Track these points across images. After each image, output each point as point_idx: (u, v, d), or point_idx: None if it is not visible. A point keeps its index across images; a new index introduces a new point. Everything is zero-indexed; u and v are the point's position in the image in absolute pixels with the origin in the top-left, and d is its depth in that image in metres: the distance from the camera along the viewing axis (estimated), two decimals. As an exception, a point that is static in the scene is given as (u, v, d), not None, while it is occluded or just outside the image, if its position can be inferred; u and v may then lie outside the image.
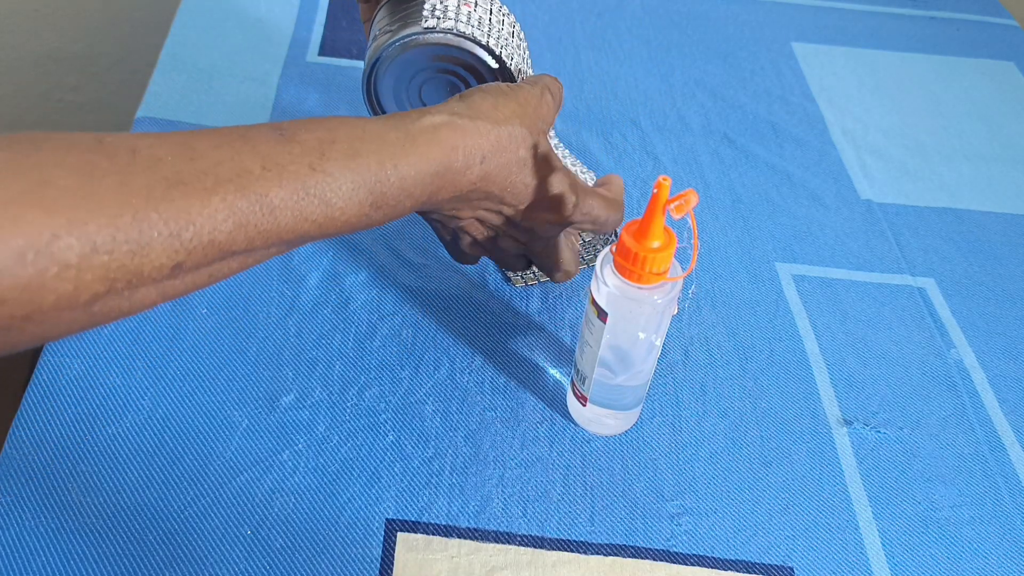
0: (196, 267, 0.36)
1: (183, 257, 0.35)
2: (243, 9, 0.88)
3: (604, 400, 0.54)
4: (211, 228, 0.36)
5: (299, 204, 0.39)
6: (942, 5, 1.04)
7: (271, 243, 0.39)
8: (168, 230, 0.34)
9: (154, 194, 0.34)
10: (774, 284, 0.68)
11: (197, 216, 0.35)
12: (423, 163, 0.44)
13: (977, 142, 0.84)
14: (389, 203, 0.43)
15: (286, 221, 0.39)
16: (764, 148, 0.80)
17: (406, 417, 0.56)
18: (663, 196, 0.44)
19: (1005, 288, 0.70)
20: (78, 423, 0.53)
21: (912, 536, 0.53)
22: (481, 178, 0.48)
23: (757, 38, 0.95)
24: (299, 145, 0.40)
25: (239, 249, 0.37)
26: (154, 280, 0.35)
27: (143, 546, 0.48)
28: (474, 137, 0.46)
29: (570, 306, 0.64)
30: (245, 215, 0.37)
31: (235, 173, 0.37)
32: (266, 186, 0.38)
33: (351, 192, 0.41)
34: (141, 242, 0.34)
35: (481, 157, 0.47)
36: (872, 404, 0.60)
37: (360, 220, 0.42)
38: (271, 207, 0.38)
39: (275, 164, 0.38)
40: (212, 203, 0.36)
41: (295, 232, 0.39)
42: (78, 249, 0.32)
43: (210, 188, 0.36)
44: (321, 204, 0.40)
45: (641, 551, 0.51)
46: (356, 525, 0.50)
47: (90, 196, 0.33)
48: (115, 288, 0.34)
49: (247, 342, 0.59)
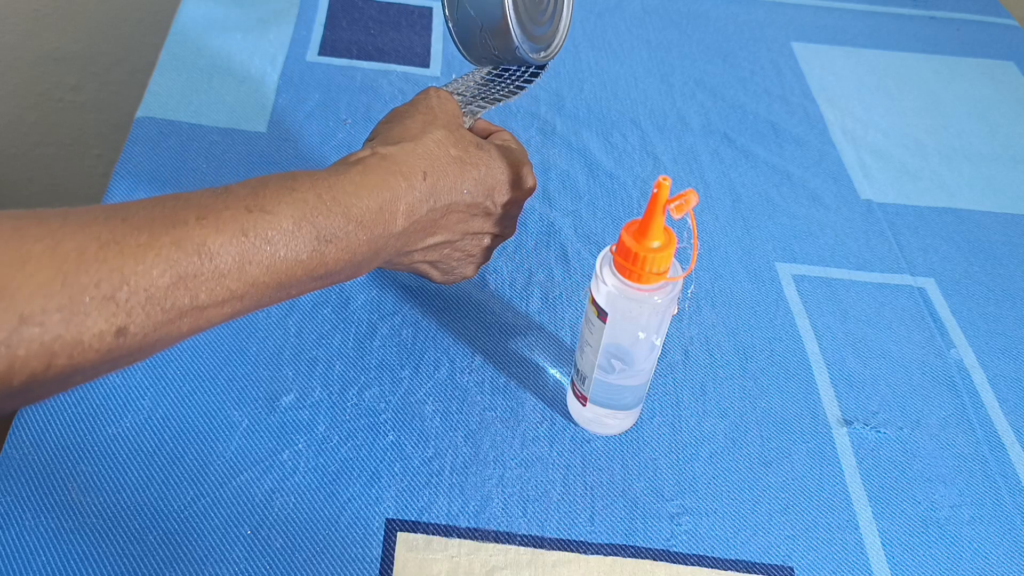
0: (142, 330, 0.35)
1: (124, 320, 0.34)
2: (243, 9, 0.88)
3: (604, 400, 0.54)
4: (147, 284, 0.34)
5: (240, 248, 0.38)
6: (942, 5, 1.04)
7: (220, 296, 0.37)
8: (101, 292, 0.33)
9: (86, 255, 0.33)
10: (774, 284, 0.68)
11: (131, 274, 0.34)
12: (362, 191, 0.44)
13: (977, 142, 0.84)
14: (338, 235, 0.42)
15: (228, 267, 0.37)
16: (764, 148, 0.80)
17: (406, 417, 0.56)
18: (663, 196, 0.44)
19: (1005, 288, 0.70)
20: (78, 423, 0.53)
21: (912, 536, 0.53)
22: (432, 194, 0.47)
23: (757, 38, 0.95)
24: (232, 193, 0.39)
25: (183, 305, 0.36)
26: (97, 350, 0.33)
27: (143, 546, 0.48)
28: (403, 158, 0.47)
29: (570, 306, 0.64)
30: (183, 267, 0.36)
31: (170, 225, 0.36)
32: (203, 234, 0.36)
33: (293, 227, 0.40)
34: (74, 308, 0.32)
35: (422, 173, 0.47)
36: (872, 404, 0.60)
37: (313, 258, 0.41)
38: (210, 254, 0.37)
39: (210, 212, 0.37)
40: (147, 258, 0.34)
41: (242, 280, 0.38)
42: (4, 323, 0.30)
43: (144, 243, 0.35)
44: (264, 243, 0.39)
45: (641, 551, 0.51)
46: (356, 525, 0.50)
47: (17, 262, 0.31)
48: (55, 364, 0.32)
49: (247, 342, 0.59)
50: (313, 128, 0.76)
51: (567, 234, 0.69)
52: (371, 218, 0.44)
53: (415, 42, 0.87)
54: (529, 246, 0.68)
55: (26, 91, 1.38)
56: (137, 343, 0.35)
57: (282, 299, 0.42)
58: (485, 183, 0.51)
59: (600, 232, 0.70)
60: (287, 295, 0.42)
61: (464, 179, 0.50)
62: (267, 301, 0.41)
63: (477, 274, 0.59)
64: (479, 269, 0.58)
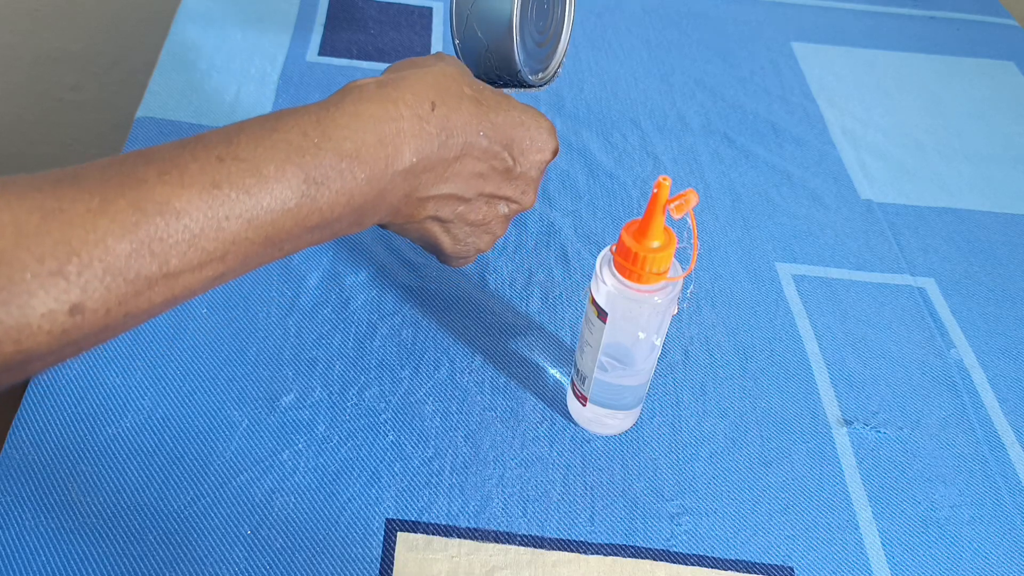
0: (103, 305, 0.31)
1: (78, 296, 0.30)
2: (243, 9, 0.88)
3: (604, 400, 0.54)
4: (102, 254, 0.30)
5: (212, 203, 0.33)
6: (942, 5, 1.04)
7: (195, 259, 0.33)
8: (46, 268, 0.29)
9: (24, 229, 0.29)
10: (774, 284, 0.68)
11: (81, 245, 0.30)
12: (358, 122, 0.38)
13: (977, 142, 0.84)
14: (331, 176, 0.37)
15: (200, 226, 0.33)
16: (764, 148, 0.80)
17: (406, 417, 0.56)
18: (663, 196, 0.44)
19: (1005, 288, 0.70)
20: (78, 423, 0.53)
21: (912, 536, 0.53)
22: (444, 128, 0.42)
23: (757, 38, 0.95)
24: (202, 143, 0.35)
25: (151, 273, 0.32)
26: (49, 332, 0.30)
27: (143, 546, 0.48)
28: (408, 85, 0.41)
29: (570, 306, 0.64)
30: (145, 231, 0.31)
31: (127, 186, 0.32)
32: (166, 192, 0.32)
33: (276, 173, 0.35)
34: (13, 289, 0.29)
35: (430, 103, 0.41)
36: (872, 404, 0.60)
37: (303, 205, 0.36)
38: (176, 213, 0.32)
39: (174, 166, 0.33)
40: (99, 226, 0.30)
41: (219, 238, 0.34)
42: None
43: (96, 209, 0.31)
44: (241, 195, 0.34)
45: (641, 551, 0.51)
46: (356, 525, 0.50)
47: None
48: (1, 352, 0.29)
49: (247, 342, 0.59)
50: (313, 128, 0.75)
51: (567, 234, 0.69)
52: (370, 153, 0.39)
53: (415, 42, 0.87)
54: (529, 246, 0.68)
55: (26, 91, 1.38)
56: (100, 320, 0.31)
57: (276, 256, 0.37)
58: (503, 131, 0.46)
59: (600, 232, 0.70)
60: (281, 251, 0.37)
61: (480, 120, 0.44)
62: (258, 260, 0.36)
63: (491, 249, 0.54)
64: (494, 244, 0.52)
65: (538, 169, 0.50)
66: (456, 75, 0.45)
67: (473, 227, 0.50)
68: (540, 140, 0.48)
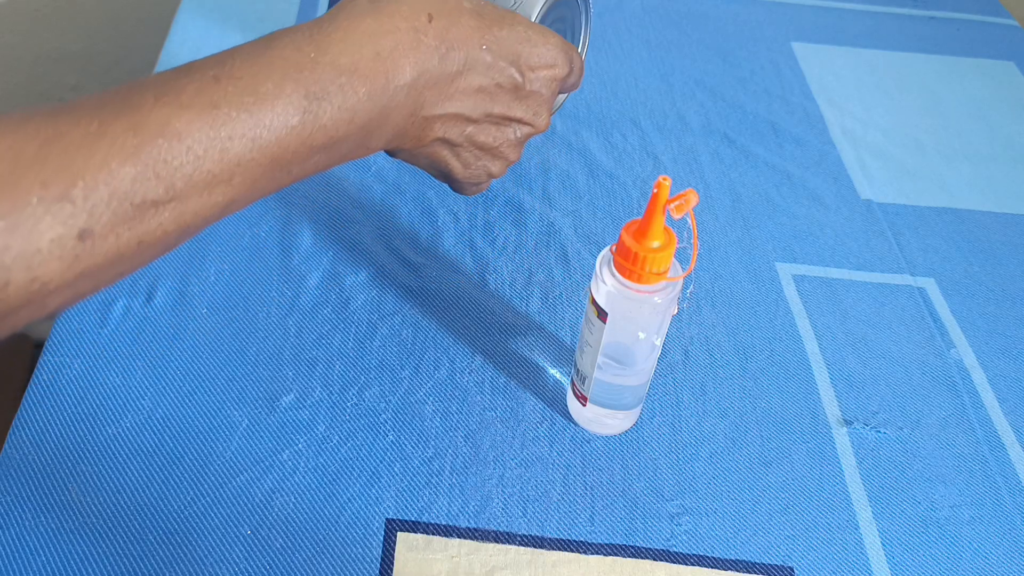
0: (112, 230, 0.31)
1: (85, 221, 0.30)
2: (243, 9, 0.88)
3: (604, 400, 0.54)
4: (106, 178, 0.30)
5: (213, 122, 0.33)
6: (942, 5, 1.04)
7: (201, 181, 0.33)
8: (51, 193, 0.29)
9: (23, 154, 0.29)
10: (774, 284, 0.68)
11: (83, 169, 0.30)
12: (353, 36, 0.38)
13: (977, 142, 0.84)
14: (331, 91, 0.36)
15: (203, 147, 0.33)
16: (764, 148, 0.80)
17: (406, 417, 0.56)
18: (663, 196, 0.44)
19: (1005, 288, 0.70)
20: (78, 423, 0.53)
21: (912, 536, 0.53)
22: (443, 41, 0.41)
23: (757, 38, 0.95)
24: (196, 68, 0.34)
25: (157, 196, 0.32)
26: (60, 258, 0.30)
27: (143, 546, 0.48)
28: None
29: (570, 306, 0.64)
30: (147, 153, 0.31)
31: (124, 110, 0.31)
32: (165, 113, 0.32)
33: (274, 89, 0.34)
34: (19, 215, 0.28)
35: (427, 15, 0.40)
36: (872, 404, 0.60)
37: (307, 122, 0.36)
38: (177, 134, 0.32)
39: (171, 90, 0.33)
40: (100, 149, 0.30)
41: (224, 160, 0.33)
42: None
43: (95, 132, 0.30)
44: (241, 113, 0.33)
45: (641, 551, 0.51)
46: (356, 525, 0.50)
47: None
48: (15, 280, 0.29)
49: (247, 342, 0.59)
50: (313, 128, 0.75)
51: (567, 234, 0.69)
52: (368, 67, 0.38)
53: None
54: (529, 246, 0.68)
55: (26, 91, 1.38)
56: (111, 247, 0.31)
57: (285, 181, 0.37)
58: (508, 46, 0.44)
59: (600, 232, 0.70)
60: (289, 175, 0.37)
61: (483, 34, 0.42)
62: (266, 183, 0.36)
63: (505, 173, 0.52)
64: (507, 170, 0.50)
65: (549, 87, 0.47)
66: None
67: (483, 151, 0.48)
68: (549, 55, 0.46)
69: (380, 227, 0.68)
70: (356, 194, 0.70)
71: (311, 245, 0.65)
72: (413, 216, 0.69)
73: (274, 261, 0.64)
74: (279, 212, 0.68)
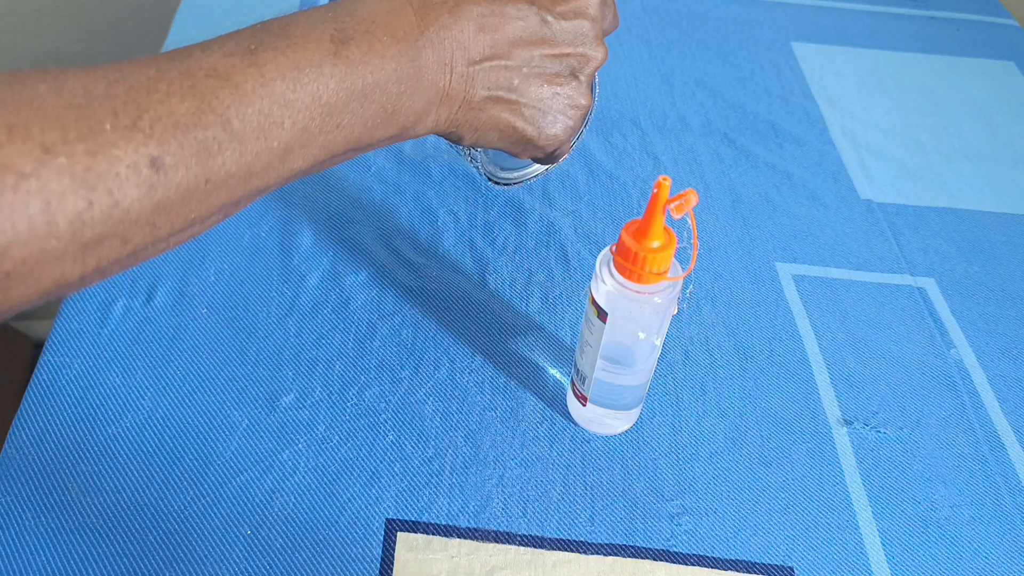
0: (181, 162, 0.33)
1: (156, 149, 0.32)
2: (243, 9, 0.88)
3: (604, 400, 0.54)
4: (169, 111, 0.32)
5: (254, 62, 0.35)
6: (942, 5, 1.04)
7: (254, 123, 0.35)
8: (121, 121, 0.31)
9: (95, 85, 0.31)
10: (774, 284, 0.68)
11: (148, 103, 0.32)
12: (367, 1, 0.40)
13: (977, 142, 0.84)
14: (354, 35, 0.38)
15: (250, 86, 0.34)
16: (764, 148, 0.80)
17: (406, 417, 0.56)
18: (663, 196, 0.44)
19: (1005, 288, 0.70)
20: (78, 423, 0.53)
21: (912, 536, 0.53)
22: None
23: (757, 38, 0.95)
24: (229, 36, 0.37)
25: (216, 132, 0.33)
26: (136, 185, 0.31)
27: (143, 546, 0.48)
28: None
29: (570, 306, 0.64)
30: (201, 90, 0.33)
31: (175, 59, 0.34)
32: (211, 60, 0.34)
33: (302, 33, 0.37)
34: (96, 138, 0.30)
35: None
36: (872, 404, 0.60)
37: (339, 63, 0.37)
38: (224, 75, 0.34)
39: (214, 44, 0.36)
40: (160, 88, 0.33)
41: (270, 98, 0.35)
42: (27, 153, 0.29)
43: (154, 76, 0.33)
44: (276, 55, 0.36)
45: (641, 551, 0.51)
46: (356, 525, 0.50)
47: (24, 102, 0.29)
48: (97, 202, 0.30)
49: (247, 342, 0.59)
50: (313, 128, 0.75)
51: (567, 234, 0.69)
52: (384, 19, 0.40)
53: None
54: (529, 246, 0.68)
55: (26, 91, 1.38)
56: (181, 181, 0.33)
57: (336, 140, 0.38)
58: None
59: (600, 232, 0.70)
60: (338, 127, 0.38)
61: None
62: (317, 136, 0.37)
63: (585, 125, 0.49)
64: (583, 118, 0.48)
65: (587, 13, 0.45)
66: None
67: (543, 99, 0.45)
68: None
69: (380, 227, 0.68)
70: (356, 194, 0.70)
71: (311, 245, 0.65)
72: (413, 216, 0.69)
73: (274, 261, 0.64)
74: (279, 212, 0.68)
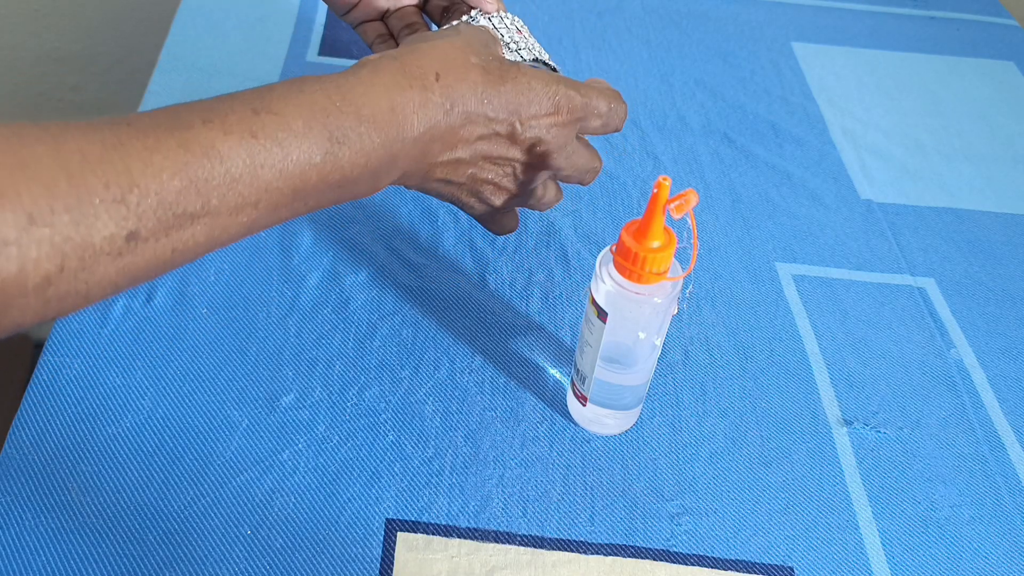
0: (154, 235, 0.34)
1: (135, 224, 0.33)
2: (243, 9, 0.88)
3: (604, 400, 0.54)
4: (158, 187, 0.34)
5: (250, 150, 0.37)
6: (942, 5, 1.04)
7: (232, 202, 0.37)
8: (111, 194, 0.32)
9: (90, 157, 0.32)
10: (774, 284, 0.68)
11: (140, 176, 0.33)
12: (373, 91, 0.42)
13: (977, 142, 0.84)
14: (351, 137, 0.41)
15: (239, 171, 0.36)
16: (764, 148, 0.80)
17: (406, 417, 0.56)
18: (663, 196, 0.44)
19: (1005, 288, 0.70)
20: (78, 423, 0.53)
21: (912, 536, 0.53)
22: (448, 98, 0.45)
23: (757, 38, 0.95)
24: (236, 98, 0.38)
25: (195, 210, 0.35)
26: (108, 254, 0.33)
27: (143, 546, 0.48)
28: (415, 59, 0.44)
29: (570, 306, 0.64)
30: (193, 169, 0.35)
31: (175, 128, 0.35)
32: (210, 136, 0.36)
33: (304, 128, 0.39)
34: (83, 210, 0.31)
35: (435, 74, 0.45)
36: (872, 404, 0.60)
37: (327, 161, 0.40)
38: (220, 157, 0.36)
39: (216, 115, 0.37)
40: (155, 161, 0.34)
41: (254, 185, 0.37)
42: (13, 222, 0.30)
43: (151, 146, 0.34)
44: (274, 145, 0.38)
45: (641, 551, 0.51)
46: (356, 525, 0.50)
47: (19, 165, 0.31)
48: (68, 267, 0.32)
49: (247, 342, 0.59)
50: (313, 128, 0.75)
51: (567, 234, 0.69)
52: (384, 119, 0.42)
53: (415, 42, 0.87)
54: (529, 246, 0.68)
55: (26, 91, 1.38)
56: (151, 252, 0.34)
57: (300, 211, 0.40)
58: (510, 98, 0.47)
59: (600, 232, 0.70)
60: (304, 205, 0.41)
61: (486, 88, 0.46)
62: (283, 211, 0.40)
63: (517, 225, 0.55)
64: (510, 201, 0.53)
65: (552, 132, 0.50)
66: (463, 46, 0.47)
67: (487, 189, 0.51)
68: (548, 104, 0.49)
69: (380, 227, 0.68)
70: (356, 194, 0.70)
71: (311, 245, 0.65)
72: (413, 216, 0.69)
73: (274, 261, 0.64)
74: (279, 212, 0.68)
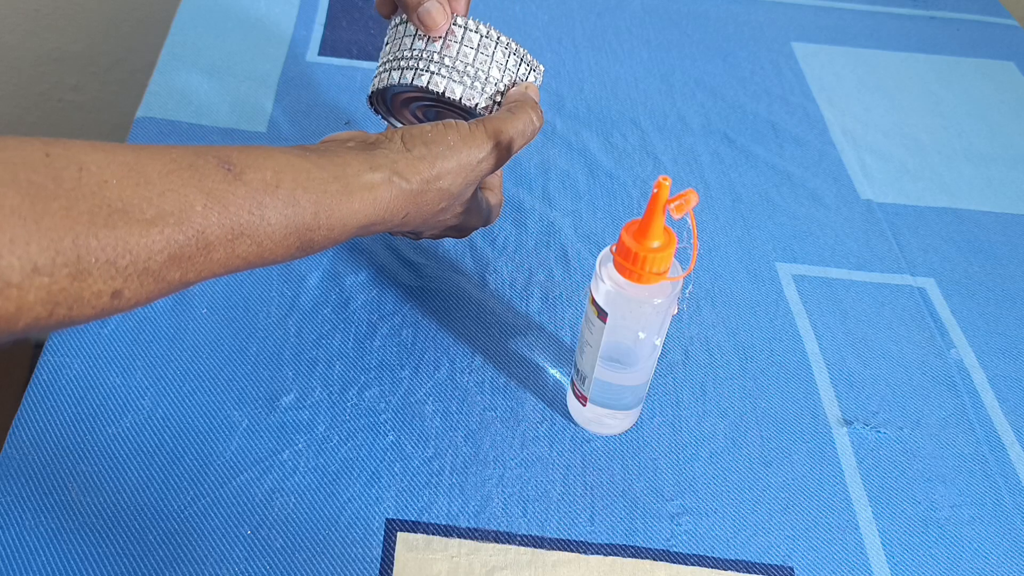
0: (135, 296, 0.38)
1: (120, 284, 0.36)
2: (243, 9, 0.88)
3: (604, 400, 0.54)
4: (146, 258, 0.37)
5: (233, 243, 0.40)
6: (942, 5, 1.04)
7: (207, 275, 0.41)
8: (106, 257, 0.35)
9: (96, 220, 0.35)
10: (774, 284, 0.68)
11: (135, 245, 0.36)
12: (353, 218, 0.46)
13: (977, 142, 0.84)
14: (315, 247, 0.45)
15: (218, 257, 0.40)
16: (764, 148, 0.80)
17: (406, 417, 0.56)
18: (663, 196, 0.44)
19: (1005, 288, 0.70)
20: (78, 423, 0.53)
21: (912, 536, 0.53)
22: (404, 223, 0.50)
23: (757, 38, 0.95)
24: (244, 187, 0.41)
25: (174, 280, 0.39)
26: (94, 306, 0.36)
27: (143, 546, 0.48)
28: (406, 199, 0.48)
29: (570, 306, 0.64)
30: (181, 248, 0.38)
31: (177, 207, 0.38)
32: (205, 224, 0.39)
33: (282, 237, 0.43)
34: (80, 267, 0.35)
35: (404, 214, 0.49)
36: (872, 404, 0.60)
37: (284, 258, 0.44)
38: (206, 243, 0.39)
39: (217, 203, 0.40)
40: (150, 234, 0.37)
41: (225, 267, 0.41)
42: (19, 268, 0.33)
43: (150, 219, 0.37)
44: (253, 244, 0.41)
45: (641, 551, 0.51)
46: (356, 525, 0.50)
47: (34, 218, 0.33)
48: (56, 313, 0.35)
49: (247, 342, 0.59)
50: (313, 128, 0.76)
51: (567, 234, 0.69)
52: (346, 237, 0.47)
53: (415, 42, 0.87)
54: (529, 246, 0.68)
55: (26, 91, 1.38)
56: (128, 304, 0.38)
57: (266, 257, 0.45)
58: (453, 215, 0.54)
59: (600, 232, 0.70)
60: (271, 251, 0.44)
61: (436, 217, 0.52)
62: (255, 260, 0.44)
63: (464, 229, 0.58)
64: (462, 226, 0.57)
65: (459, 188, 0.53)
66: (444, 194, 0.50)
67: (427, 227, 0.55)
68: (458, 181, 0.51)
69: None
70: (356, 194, 0.70)
71: (311, 245, 0.65)
72: (413, 216, 0.69)
73: (274, 261, 0.64)
74: (279, 212, 0.68)
